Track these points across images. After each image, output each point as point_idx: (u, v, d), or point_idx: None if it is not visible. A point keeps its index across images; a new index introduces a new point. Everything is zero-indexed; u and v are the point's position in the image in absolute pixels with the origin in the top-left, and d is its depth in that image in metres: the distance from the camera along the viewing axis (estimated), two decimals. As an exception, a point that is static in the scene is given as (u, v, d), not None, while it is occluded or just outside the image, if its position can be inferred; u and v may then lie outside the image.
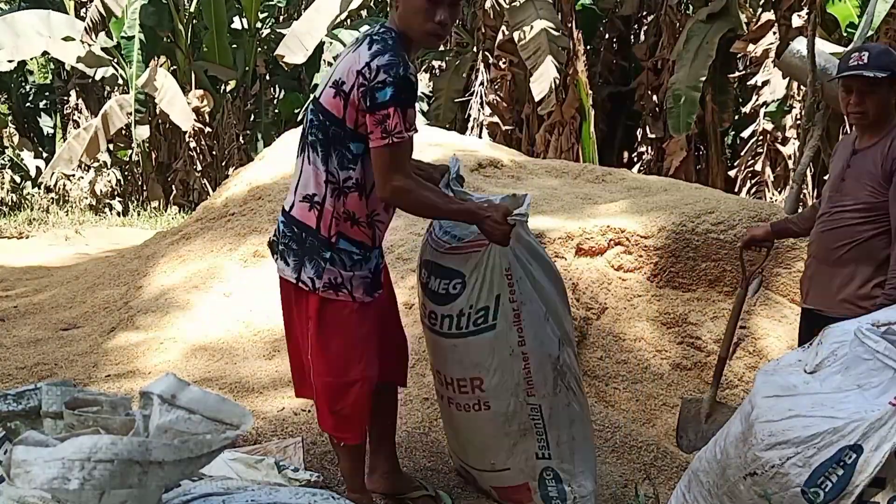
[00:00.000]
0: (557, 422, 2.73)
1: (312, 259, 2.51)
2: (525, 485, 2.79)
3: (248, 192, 6.00)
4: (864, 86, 2.90)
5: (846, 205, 2.98)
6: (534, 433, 2.72)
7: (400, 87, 2.32)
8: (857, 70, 2.88)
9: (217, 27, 13.87)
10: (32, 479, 1.11)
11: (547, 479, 2.75)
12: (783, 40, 9.82)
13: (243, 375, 4.05)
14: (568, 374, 2.75)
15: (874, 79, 2.85)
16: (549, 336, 2.71)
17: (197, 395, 1.25)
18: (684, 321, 4.44)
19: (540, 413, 2.71)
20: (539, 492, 2.78)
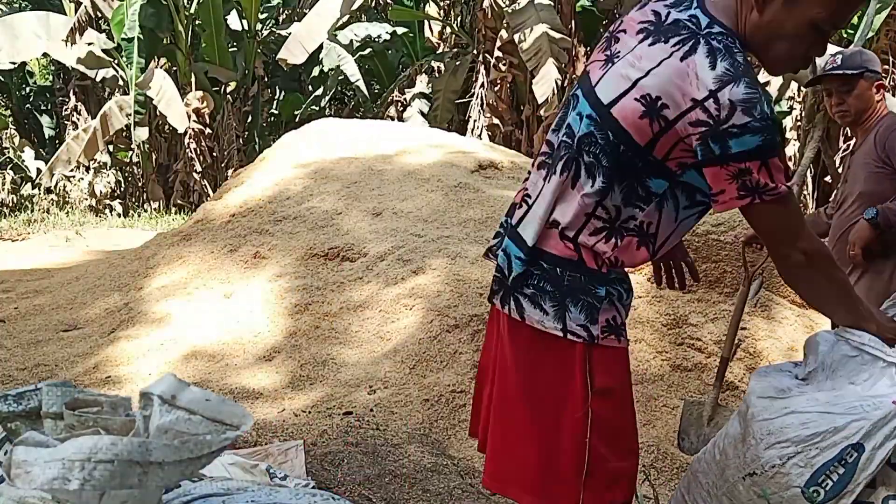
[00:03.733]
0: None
1: (577, 302, 1.82)
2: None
3: (249, 193, 6.00)
4: (840, 86, 3.06)
5: (852, 204, 3.08)
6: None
7: (768, 132, 1.62)
8: (831, 71, 3.05)
9: (215, 28, 13.89)
10: (33, 479, 1.11)
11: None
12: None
13: (244, 376, 4.05)
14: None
15: (847, 77, 3.01)
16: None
17: (197, 396, 1.25)
18: (685, 322, 4.44)
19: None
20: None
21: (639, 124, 1.71)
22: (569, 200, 1.80)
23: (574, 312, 1.80)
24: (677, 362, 4.28)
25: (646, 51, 1.71)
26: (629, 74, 1.71)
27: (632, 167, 1.74)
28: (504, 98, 12.53)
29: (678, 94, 1.66)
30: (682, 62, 1.66)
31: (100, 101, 15.61)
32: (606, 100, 1.74)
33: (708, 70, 1.63)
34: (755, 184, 1.65)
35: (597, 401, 1.81)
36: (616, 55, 1.78)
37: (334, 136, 6.59)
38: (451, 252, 4.73)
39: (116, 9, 13.19)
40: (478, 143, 7.76)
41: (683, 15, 1.71)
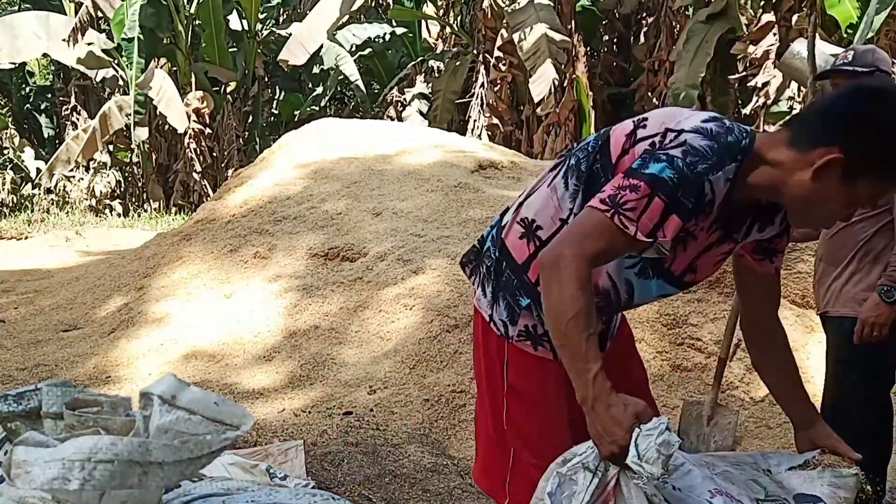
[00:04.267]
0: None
1: (508, 301, 1.84)
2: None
3: (249, 193, 6.00)
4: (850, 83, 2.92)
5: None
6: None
7: (683, 180, 1.58)
8: (841, 67, 2.97)
9: (215, 28, 13.89)
10: (33, 479, 1.11)
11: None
12: (783, 41, 9.83)
13: (243, 376, 4.05)
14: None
15: (858, 75, 2.90)
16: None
17: (197, 396, 1.25)
18: (685, 322, 4.44)
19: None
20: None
21: (619, 140, 1.75)
22: (543, 200, 1.83)
23: (500, 306, 1.85)
24: (677, 362, 4.28)
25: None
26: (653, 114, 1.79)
27: (598, 181, 1.74)
28: (504, 98, 12.53)
29: (658, 122, 1.70)
30: (693, 114, 1.70)
31: (100, 101, 15.62)
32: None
33: (698, 121, 1.66)
34: (622, 202, 1.59)
35: (510, 395, 1.85)
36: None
37: (334, 136, 6.59)
38: (451, 252, 4.73)
39: (117, 9, 13.19)
40: (477, 142, 7.76)
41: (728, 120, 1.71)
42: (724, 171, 1.60)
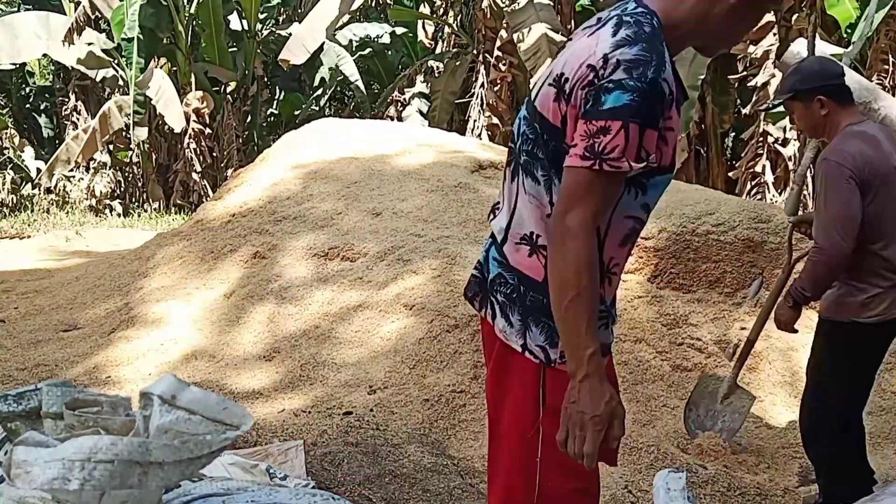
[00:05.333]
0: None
1: (540, 323, 1.73)
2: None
3: (249, 193, 6.00)
4: (786, 108, 3.08)
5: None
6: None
7: (642, 95, 1.55)
8: (775, 98, 3.08)
9: (215, 28, 13.89)
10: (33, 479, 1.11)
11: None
12: (783, 42, 9.82)
13: (243, 376, 4.05)
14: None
15: (783, 102, 2.98)
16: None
17: (197, 396, 1.25)
18: (685, 322, 4.44)
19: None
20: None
21: (552, 107, 1.68)
22: (528, 209, 1.75)
23: (534, 332, 1.74)
24: (677, 362, 4.28)
25: (569, 46, 1.74)
26: (552, 68, 1.72)
27: (561, 155, 1.67)
28: (504, 98, 12.53)
29: (577, 64, 1.64)
30: (590, 38, 1.66)
31: (100, 101, 15.61)
32: (533, 95, 1.74)
33: (609, 38, 1.62)
34: (602, 149, 1.56)
35: (547, 418, 1.72)
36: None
37: (334, 136, 6.58)
38: (451, 252, 4.73)
39: (116, 9, 13.18)
40: (477, 142, 7.76)
41: (618, 10, 1.68)
42: (664, 60, 1.60)
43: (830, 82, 2.87)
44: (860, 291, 2.83)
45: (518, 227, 1.76)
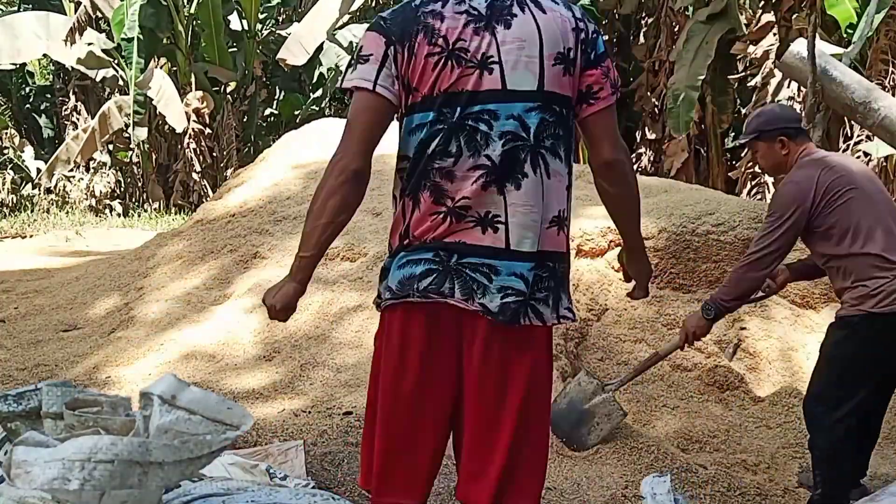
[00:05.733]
0: None
1: (566, 289, 2.02)
2: None
3: (248, 193, 6.00)
4: (750, 147, 3.33)
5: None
6: None
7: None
8: (741, 137, 3.33)
9: (215, 28, 13.89)
10: (33, 479, 1.11)
11: None
12: (783, 42, 9.82)
13: (243, 376, 4.05)
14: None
15: (748, 142, 3.28)
16: None
17: (197, 396, 1.25)
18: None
19: None
20: None
21: (564, 82, 1.92)
22: (555, 190, 1.94)
23: (564, 299, 1.99)
24: (677, 362, 4.28)
25: (511, 33, 1.88)
26: (530, 55, 1.88)
27: (572, 125, 1.99)
28: (504, 98, 12.51)
29: (567, 36, 1.91)
30: (547, 14, 1.91)
31: (100, 101, 15.62)
32: (533, 86, 1.89)
33: (564, 8, 1.94)
34: (615, 80, 2.00)
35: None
36: (486, 59, 1.87)
37: (334, 136, 6.55)
38: (451, 252, 4.73)
39: (116, 9, 13.18)
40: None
41: (484, 1, 1.89)
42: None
43: (790, 125, 3.17)
44: (868, 287, 2.97)
45: (547, 212, 1.93)
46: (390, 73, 1.87)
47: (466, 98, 1.86)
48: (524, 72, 1.87)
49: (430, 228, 1.90)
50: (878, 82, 7.86)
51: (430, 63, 1.86)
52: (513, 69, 1.87)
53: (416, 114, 1.90)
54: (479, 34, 1.86)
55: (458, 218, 1.88)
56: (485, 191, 1.88)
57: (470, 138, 1.87)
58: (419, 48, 1.86)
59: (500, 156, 1.88)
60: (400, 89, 1.89)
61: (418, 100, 1.89)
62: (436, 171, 1.89)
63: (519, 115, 1.88)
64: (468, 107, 1.87)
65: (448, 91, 1.86)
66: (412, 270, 1.91)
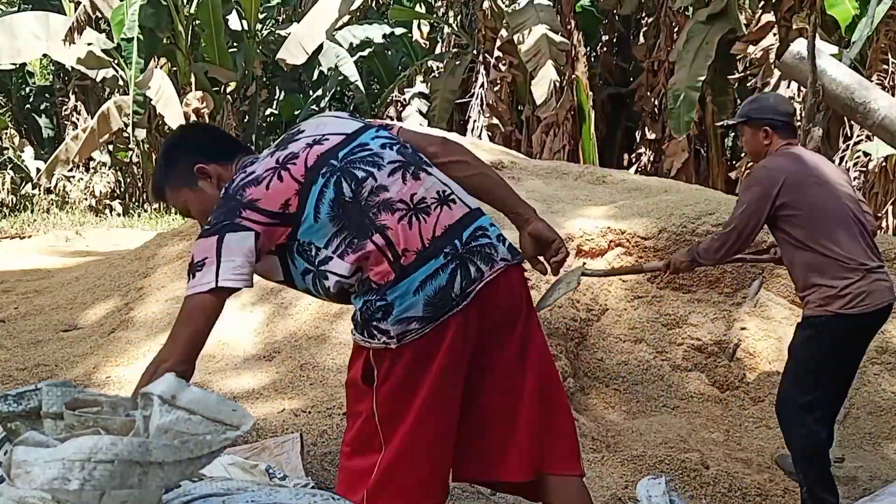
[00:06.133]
0: None
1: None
2: None
3: (249, 193, 6.00)
4: (738, 130, 3.45)
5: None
6: None
7: None
8: (731, 118, 3.51)
9: (215, 28, 13.89)
10: (33, 479, 1.11)
11: None
12: (783, 42, 9.82)
13: (243, 376, 4.05)
14: None
15: (736, 124, 3.41)
16: None
17: (197, 396, 1.25)
18: (685, 322, 4.44)
19: None
20: None
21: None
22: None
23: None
24: (677, 362, 4.28)
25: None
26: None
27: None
28: (504, 98, 12.53)
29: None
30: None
31: (100, 101, 15.61)
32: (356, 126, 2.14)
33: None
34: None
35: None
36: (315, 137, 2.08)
37: (334, 136, 6.58)
38: (451, 252, 4.73)
39: (116, 9, 13.17)
40: (477, 142, 7.76)
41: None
42: None
43: (778, 118, 3.25)
44: (834, 287, 3.05)
45: (460, 190, 2.12)
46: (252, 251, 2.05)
47: (327, 156, 2.05)
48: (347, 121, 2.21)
49: (414, 237, 1.96)
50: (878, 82, 7.87)
51: (291, 171, 2.08)
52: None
53: (304, 213, 2.00)
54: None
55: (422, 210, 1.98)
56: (417, 180, 2.02)
57: (365, 163, 2.03)
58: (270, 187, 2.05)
59: (398, 154, 2.06)
60: (273, 232, 2.01)
61: (296, 207, 1.99)
62: (368, 195, 1.98)
63: (375, 136, 2.11)
64: (336, 155, 2.04)
65: (314, 165, 2.04)
66: (437, 283, 1.94)
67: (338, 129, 2.09)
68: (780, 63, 6.29)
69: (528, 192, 5.51)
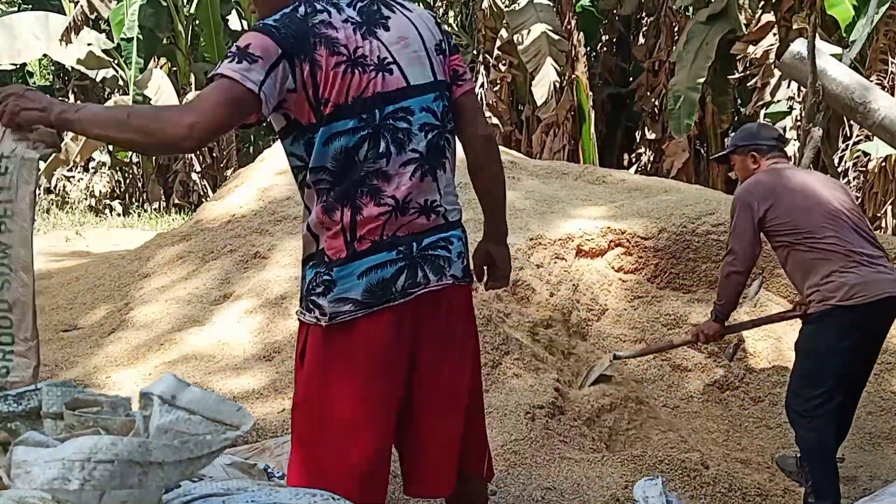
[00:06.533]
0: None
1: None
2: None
3: (249, 193, 6.00)
4: (730, 159, 3.63)
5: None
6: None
7: None
8: (720, 151, 3.73)
9: (215, 28, 13.89)
10: (33, 479, 1.11)
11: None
12: (783, 42, 9.82)
13: (243, 376, 4.05)
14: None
15: (727, 155, 3.65)
16: None
17: (197, 396, 1.25)
18: (685, 322, 4.44)
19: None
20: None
21: (444, 69, 2.06)
22: (454, 165, 2.11)
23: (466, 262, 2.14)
24: (677, 362, 4.28)
25: (393, 34, 1.98)
26: (416, 51, 2.00)
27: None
28: (504, 98, 12.53)
29: (433, 28, 2.07)
30: (413, 12, 2.06)
31: (99, 101, 15.60)
32: (430, 77, 2.02)
33: (419, 6, 2.19)
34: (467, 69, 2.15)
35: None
36: (382, 60, 1.95)
37: (334, 136, 6.58)
38: (451, 252, 4.73)
39: (116, 9, 13.18)
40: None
41: (351, 9, 1.97)
42: None
43: (763, 142, 3.47)
44: (831, 282, 3.13)
45: (449, 201, 2.10)
46: (275, 84, 1.85)
47: (380, 100, 1.93)
48: (419, 66, 2.00)
49: (377, 228, 1.94)
50: (877, 82, 7.86)
51: (337, 73, 1.89)
52: (409, 66, 1.98)
53: (333, 123, 1.90)
54: (367, 39, 1.94)
55: (403, 212, 1.97)
56: (422, 181, 1.99)
57: (394, 137, 1.95)
58: (324, 60, 1.88)
59: (426, 147, 1.99)
60: (301, 102, 1.90)
61: (331, 110, 1.90)
62: (371, 174, 1.93)
63: (429, 106, 2.00)
64: (385, 107, 1.94)
65: (361, 97, 1.91)
66: (381, 275, 1.94)
67: (406, 67, 1.97)
68: (780, 63, 6.29)
69: (527, 192, 5.51)
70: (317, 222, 1.96)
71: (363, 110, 1.91)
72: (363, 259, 1.93)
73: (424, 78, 2.00)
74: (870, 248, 3.19)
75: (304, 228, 2.01)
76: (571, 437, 3.51)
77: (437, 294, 2.01)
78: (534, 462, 3.22)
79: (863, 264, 3.12)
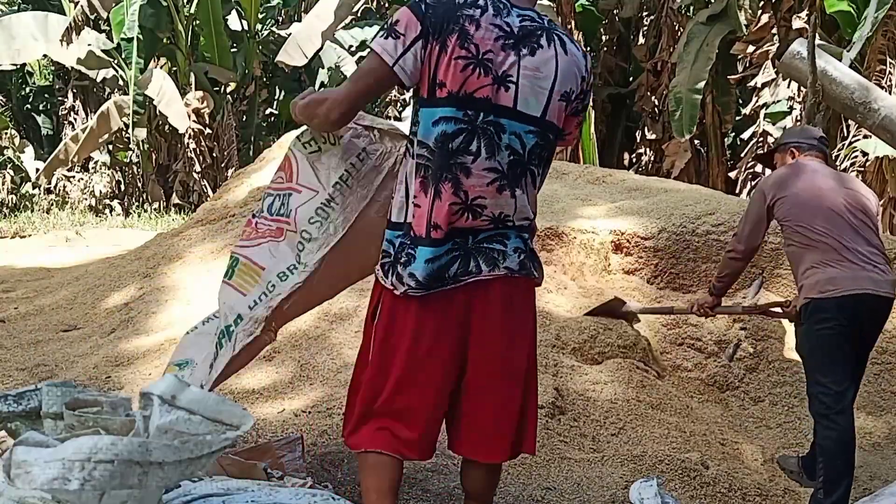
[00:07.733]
0: None
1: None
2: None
3: (249, 193, 6.00)
4: (773, 159, 3.73)
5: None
6: None
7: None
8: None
9: (215, 28, 13.88)
10: (33, 479, 1.11)
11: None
12: (783, 42, 9.83)
13: (244, 376, 4.04)
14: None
15: (768, 155, 3.78)
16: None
17: (197, 396, 1.25)
18: (685, 322, 4.44)
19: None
20: None
21: (561, 116, 2.19)
22: (531, 202, 2.23)
23: (537, 264, 2.31)
24: (677, 362, 4.28)
25: (533, 61, 2.10)
26: (542, 85, 2.11)
27: (553, 152, 2.26)
28: (504, 98, 12.51)
29: (576, 79, 2.19)
30: (567, 55, 2.15)
31: (99, 101, 15.62)
32: (538, 112, 2.13)
33: (578, 52, 2.19)
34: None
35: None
36: (505, 76, 2.08)
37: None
38: (451, 252, 4.73)
39: (116, 9, 13.17)
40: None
41: (518, 20, 2.11)
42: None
43: (803, 141, 3.55)
44: (813, 275, 3.20)
45: (530, 213, 2.24)
46: (416, 57, 2.05)
47: (486, 106, 2.07)
48: (533, 98, 2.11)
49: (450, 220, 2.11)
50: (876, 82, 7.86)
51: (458, 65, 2.04)
52: (526, 93, 2.09)
53: (441, 107, 2.07)
54: (506, 52, 2.07)
55: (475, 215, 2.12)
56: (500, 193, 2.13)
57: (490, 142, 2.09)
58: (451, 48, 2.04)
59: (507, 165, 2.12)
60: (425, 76, 2.07)
61: (444, 94, 2.06)
62: (457, 165, 2.09)
63: (520, 134, 2.12)
64: (487, 114, 2.08)
65: (472, 95, 2.06)
66: (440, 263, 2.12)
67: (522, 92, 2.10)
68: (780, 63, 6.29)
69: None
70: (413, 195, 2.13)
71: (469, 106, 2.06)
72: (433, 247, 2.11)
73: (532, 111, 2.12)
74: (864, 247, 3.18)
75: (402, 192, 2.17)
76: (571, 437, 3.51)
77: (492, 284, 2.16)
78: (534, 462, 3.22)
79: (851, 261, 3.14)
